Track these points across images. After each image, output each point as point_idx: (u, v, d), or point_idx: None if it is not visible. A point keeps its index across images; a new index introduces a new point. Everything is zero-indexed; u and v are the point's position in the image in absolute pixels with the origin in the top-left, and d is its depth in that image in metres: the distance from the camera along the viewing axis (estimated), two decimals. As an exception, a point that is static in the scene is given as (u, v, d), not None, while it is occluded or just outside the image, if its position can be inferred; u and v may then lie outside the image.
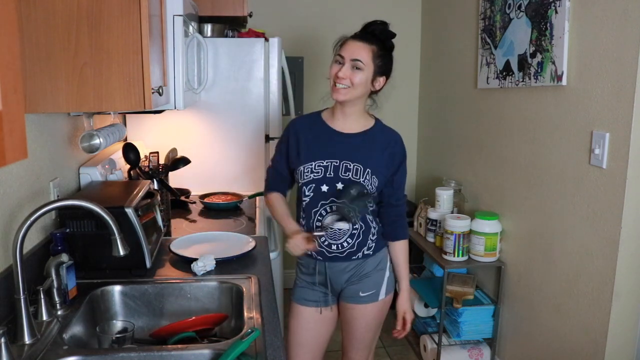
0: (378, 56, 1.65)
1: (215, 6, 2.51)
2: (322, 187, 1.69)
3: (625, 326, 1.90)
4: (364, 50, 1.62)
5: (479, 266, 2.70)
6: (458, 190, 2.93)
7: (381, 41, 1.65)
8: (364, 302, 1.76)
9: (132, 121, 2.62)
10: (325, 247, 1.73)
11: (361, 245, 1.73)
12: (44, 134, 1.61)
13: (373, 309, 1.78)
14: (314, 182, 1.70)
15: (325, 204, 1.69)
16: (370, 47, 1.63)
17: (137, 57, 1.28)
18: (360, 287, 1.75)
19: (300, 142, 1.73)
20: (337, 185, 1.68)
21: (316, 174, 1.69)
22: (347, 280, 1.76)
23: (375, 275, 1.76)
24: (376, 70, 1.65)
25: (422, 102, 3.67)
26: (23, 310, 1.18)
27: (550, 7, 2.11)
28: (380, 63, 1.66)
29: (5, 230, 1.34)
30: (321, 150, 1.70)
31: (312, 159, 1.70)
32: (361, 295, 1.76)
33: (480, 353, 2.68)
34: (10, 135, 0.61)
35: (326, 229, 1.68)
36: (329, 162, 1.69)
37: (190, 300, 1.54)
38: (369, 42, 1.64)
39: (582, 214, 2.01)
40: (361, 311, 1.77)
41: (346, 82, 1.63)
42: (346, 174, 1.67)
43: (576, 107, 2.03)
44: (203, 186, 2.62)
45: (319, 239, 1.70)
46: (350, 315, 1.80)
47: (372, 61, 1.64)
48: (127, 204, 1.52)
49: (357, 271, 1.75)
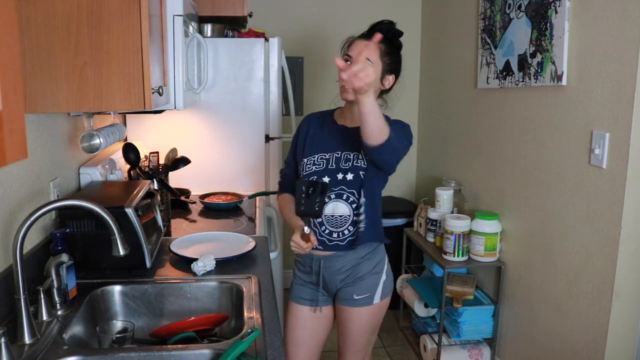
0: (386, 54, 1.65)
1: (215, 6, 2.51)
2: (324, 179, 1.70)
3: (625, 326, 1.90)
4: (370, 49, 1.61)
5: (479, 266, 2.70)
6: (458, 190, 2.93)
7: (388, 40, 1.65)
8: (358, 305, 1.75)
9: (132, 121, 2.62)
10: (326, 236, 1.72)
11: (363, 234, 1.70)
12: (44, 134, 1.61)
13: (367, 312, 1.76)
14: (315, 174, 1.71)
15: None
16: (378, 46, 1.63)
17: (137, 57, 1.28)
18: (355, 289, 1.74)
19: (308, 136, 1.78)
20: (338, 176, 1.69)
21: (318, 165, 1.72)
22: (342, 281, 1.75)
23: (370, 278, 1.75)
24: (385, 68, 1.66)
25: (422, 102, 3.67)
26: (23, 310, 1.18)
27: (550, 7, 2.11)
28: (388, 61, 1.66)
29: (5, 230, 1.34)
30: (324, 144, 1.73)
31: (315, 152, 1.73)
32: (355, 298, 1.74)
33: (480, 353, 2.68)
34: (10, 135, 0.61)
35: (309, 222, 1.67)
36: (331, 155, 1.71)
37: (190, 300, 1.54)
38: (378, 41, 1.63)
39: (582, 214, 2.01)
40: (355, 314, 1.76)
41: None
42: (346, 164, 1.69)
43: (576, 107, 2.03)
44: (203, 186, 2.62)
45: (314, 232, 1.70)
46: (345, 318, 1.79)
47: (380, 59, 1.64)
48: (127, 204, 1.52)
49: (352, 273, 1.74)
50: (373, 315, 1.78)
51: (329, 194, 1.70)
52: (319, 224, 1.73)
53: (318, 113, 1.86)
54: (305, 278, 1.82)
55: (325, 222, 1.72)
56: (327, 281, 1.77)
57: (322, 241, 1.73)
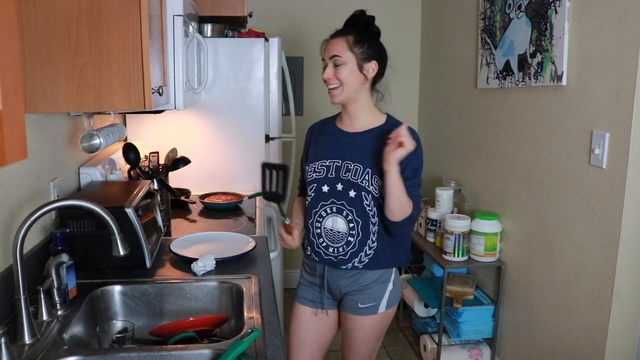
0: (356, 43, 1.60)
1: (215, 6, 2.51)
2: (323, 188, 1.67)
3: (625, 326, 1.90)
4: (339, 43, 1.61)
5: (479, 266, 2.70)
6: (458, 190, 2.93)
7: (359, 29, 1.62)
8: (363, 313, 1.71)
9: (132, 121, 2.62)
10: (322, 249, 1.71)
11: (353, 255, 1.67)
12: (44, 134, 1.61)
13: (372, 322, 1.72)
14: (315, 181, 1.69)
15: (325, 205, 1.68)
16: (344, 39, 1.61)
17: (137, 57, 1.28)
18: (360, 298, 1.70)
19: (311, 144, 1.77)
20: (337, 187, 1.65)
21: (318, 173, 1.69)
22: (347, 286, 1.71)
23: (376, 287, 1.70)
24: (359, 57, 1.61)
25: (422, 102, 3.67)
26: (23, 310, 1.18)
27: (550, 7, 2.11)
28: (360, 49, 1.61)
29: (5, 230, 1.34)
30: (326, 150, 1.70)
31: (316, 159, 1.70)
32: (360, 306, 1.71)
33: (480, 353, 2.68)
34: (10, 135, 0.61)
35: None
36: (332, 162, 1.68)
37: (190, 300, 1.54)
38: (343, 34, 1.62)
39: (582, 213, 2.01)
40: (360, 323, 1.73)
41: (334, 82, 1.62)
42: (346, 174, 1.65)
43: (576, 107, 2.03)
44: (203, 186, 2.62)
45: (313, 242, 1.72)
46: (349, 326, 1.76)
47: (349, 51, 1.60)
48: (127, 204, 1.52)
49: (356, 280, 1.70)
50: (378, 324, 1.74)
51: (331, 205, 1.67)
52: (317, 235, 1.70)
53: (320, 122, 1.83)
54: (310, 279, 1.80)
55: (324, 235, 1.69)
56: (332, 286, 1.74)
57: (318, 253, 1.72)
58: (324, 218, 1.68)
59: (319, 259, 1.72)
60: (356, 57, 1.61)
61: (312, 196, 1.70)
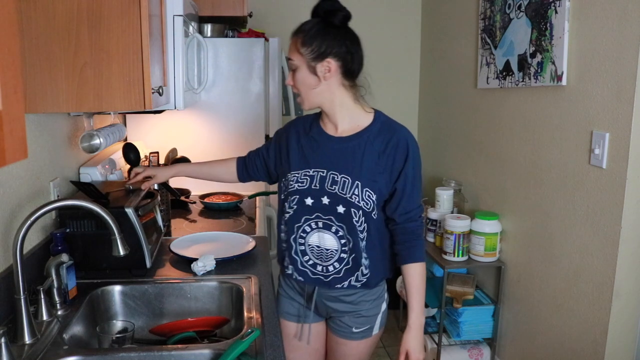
0: (303, 44, 1.41)
1: (215, 6, 2.51)
2: (307, 200, 1.47)
3: (625, 326, 1.90)
4: (292, 44, 1.45)
5: (479, 266, 2.70)
6: (458, 190, 2.93)
7: (318, 21, 1.42)
8: (357, 338, 1.57)
9: (132, 121, 2.62)
10: (309, 267, 1.52)
11: (349, 273, 1.50)
12: (44, 134, 1.61)
13: (366, 345, 1.59)
14: (298, 193, 1.49)
15: (309, 219, 1.48)
16: (295, 38, 1.44)
17: (137, 57, 1.28)
18: (354, 321, 1.55)
19: (291, 145, 1.55)
20: (323, 200, 1.46)
21: (301, 184, 1.49)
22: (339, 309, 1.56)
23: (371, 309, 1.56)
24: (308, 58, 1.42)
25: (422, 102, 3.67)
26: (23, 310, 1.18)
27: (550, 7, 2.11)
28: (308, 49, 1.41)
29: (5, 230, 1.34)
30: (309, 157, 1.50)
31: (300, 167, 1.51)
32: (355, 331, 1.55)
33: (480, 353, 2.68)
34: (10, 135, 0.61)
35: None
36: (316, 172, 1.48)
37: (190, 300, 1.54)
38: (295, 33, 1.45)
39: (582, 213, 2.01)
40: (354, 348, 1.58)
41: (295, 89, 1.49)
42: (333, 187, 1.45)
43: (576, 107, 2.03)
44: (203, 186, 2.61)
45: (296, 260, 1.55)
46: (342, 352, 1.61)
47: (298, 53, 1.43)
48: (127, 204, 1.52)
49: (352, 301, 1.54)
50: (372, 346, 1.62)
51: (316, 220, 1.48)
52: (302, 252, 1.52)
53: (304, 117, 1.61)
54: (292, 294, 1.63)
55: (310, 253, 1.51)
56: (320, 308, 1.59)
57: (304, 272, 1.53)
58: (307, 234, 1.50)
59: (304, 279, 1.54)
60: (305, 59, 1.42)
61: (294, 209, 1.50)
